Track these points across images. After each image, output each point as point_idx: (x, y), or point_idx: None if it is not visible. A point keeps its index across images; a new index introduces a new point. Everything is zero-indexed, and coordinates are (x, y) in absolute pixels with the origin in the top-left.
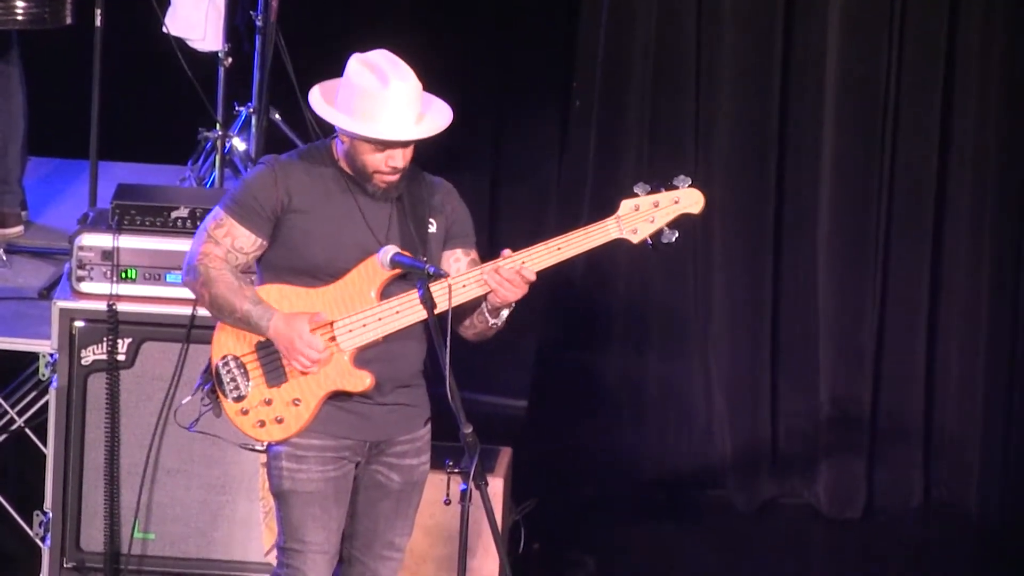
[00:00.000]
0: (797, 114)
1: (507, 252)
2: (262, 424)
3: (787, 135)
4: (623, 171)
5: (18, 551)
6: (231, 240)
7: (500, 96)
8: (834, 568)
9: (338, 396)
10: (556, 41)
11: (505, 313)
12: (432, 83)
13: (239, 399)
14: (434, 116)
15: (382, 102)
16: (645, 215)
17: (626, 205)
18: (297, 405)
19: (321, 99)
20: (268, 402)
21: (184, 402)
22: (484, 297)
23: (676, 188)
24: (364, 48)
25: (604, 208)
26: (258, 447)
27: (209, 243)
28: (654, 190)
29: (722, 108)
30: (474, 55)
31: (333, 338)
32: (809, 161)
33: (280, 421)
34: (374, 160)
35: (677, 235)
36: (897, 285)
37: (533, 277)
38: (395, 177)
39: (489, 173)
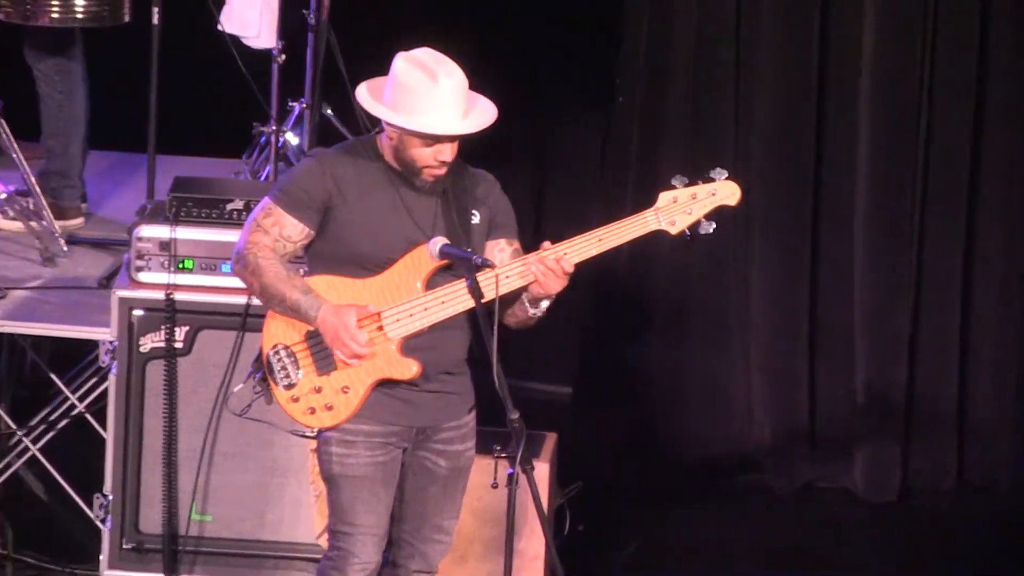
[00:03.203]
0: (834, 107)
1: (547, 244)
2: (312, 411)
3: (824, 128)
4: (665, 163)
5: (79, 533)
6: (279, 229)
7: (544, 91)
8: (870, 550)
9: (385, 383)
10: (600, 38)
11: (546, 303)
12: (478, 79)
13: (289, 387)
14: (480, 112)
15: (431, 98)
16: (683, 207)
17: (664, 197)
18: (346, 392)
19: (368, 96)
20: (318, 390)
21: (236, 389)
22: (525, 287)
23: (713, 180)
24: (414, 46)
25: (647, 199)
26: (308, 433)
27: (258, 232)
28: (692, 182)
29: (760, 102)
30: (519, 52)
31: (381, 327)
32: (845, 152)
33: (330, 408)
34: (423, 154)
35: (714, 226)
36: (931, 273)
37: (572, 268)
38: (443, 171)
39: (534, 165)
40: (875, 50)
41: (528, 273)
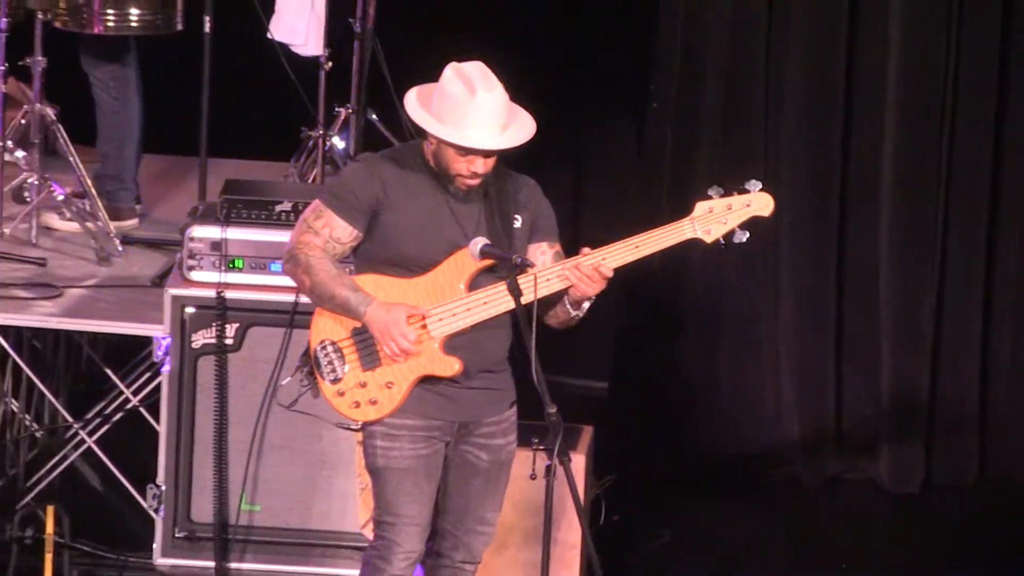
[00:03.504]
0: (859, 115)
1: (586, 250)
2: (357, 405)
3: (850, 135)
4: (697, 169)
5: (133, 522)
6: (329, 231)
7: (583, 100)
8: (894, 539)
9: (428, 380)
10: (635, 49)
11: (586, 305)
12: (520, 87)
13: (336, 381)
14: (517, 128)
15: (468, 111)
16: (718, 216)
17: (701, 207)
18: (390, 388)
19: (416, 103)
20: (363, 384)
21: (284, 383)
22: (566, 290)
23: (748, 192)
24: (455, 52)
25: (679, 202)
26: (353, 426)
27: (309, 233)
28: (727, 193)
29: (788, 110)
30: (559, 62)
31: (424, 326)
32: (870, 160)
33: (374, 402)
34: (457, 164)
35: (748, 235)
36: (953, 277)
37: (611, 273)
38: (476, 181)
39: (573, 171)
40: (900, 59)
41: (568, 277)
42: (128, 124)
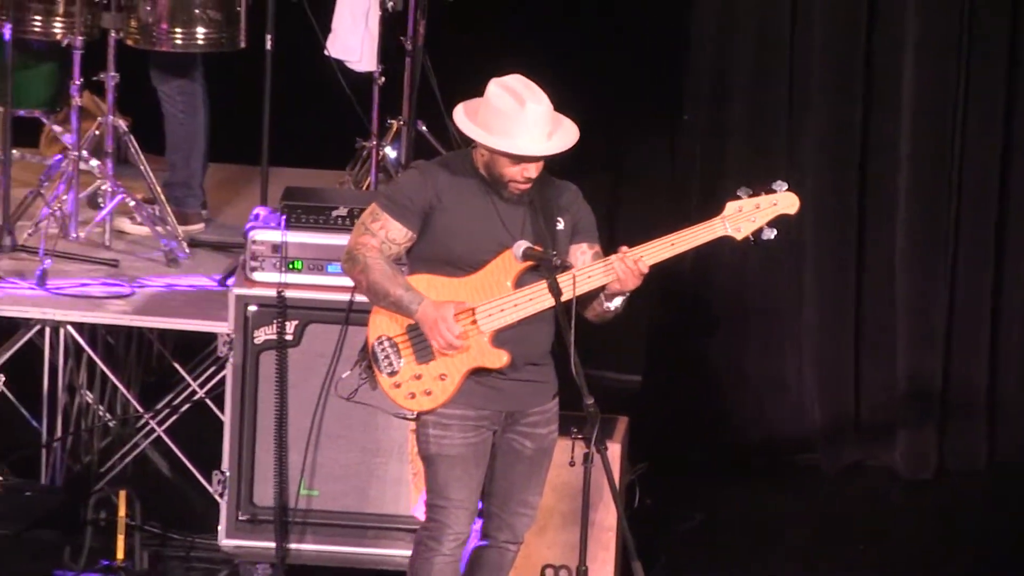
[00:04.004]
0: (876, 125)
1: (624, 248)
2: (413, 396)
3: (868, 144)
4: (725, 173)
5: (199, 505)
6: (385, 232)
7: (620, 111)
8: (909, 522)
9: (478, 372)
10: (669, 64)
11: (620, 300)
12: (561, 98)
13: (392, 374)
14: (563, 134)
15: (518, 121)
16: (748, 215)
17: (731, 207)
18: (443, 379)
19: (465, 117)
20: (418, 377)
21: (344, 376)
22: (603, 287)
23: (775, 192)
24: (498, 68)
25: (710, 205)
26: (409, 416)
27: (366, 235)
28: (755, 193)
29: (810, 119)
30: (597, 74)
31: (474, 321)
32: (888, 163)
33: (429, 393)
34: (510, 171)
35: (775, 232)
36: (964, 273)
37: (647, 270)
38: (527, 185)
39: (610, 176)
40: (914, 72)
41: (608, 272)
42: (195, 135)
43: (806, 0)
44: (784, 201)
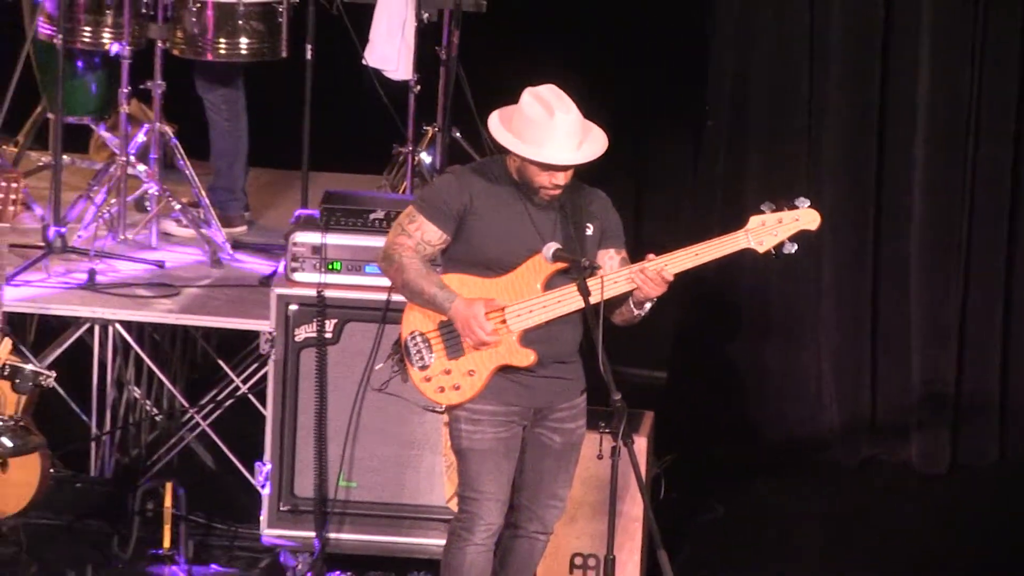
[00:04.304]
0: (892, 135)
1: (651, 256)
2: (442, 390)
3: (884, 150)
4: (746, 181)
5: (242, 496)
6: (421, 234)
7: (645, 118)
8: (924, 515)
9: (507, 369)
10: (692, 74)
11: (648, 306)
12: (590, 107)
13: (423, 368)
14: (592, 143)
15: (548, 131)
16: (770, 229)
17: (754, 220)
18: (472, 375)
19: (499, 124)
20: (448, 372)
21: (377, 367)
22: (630, 292)
23: (797, 208)
24: (530, 77)
25: (732, 210)
26: (438, 409)
27: (403, 236)
28: (778, 208)
29: (829, 126)
30: (624, 84)
31: (504, 321)
32: (902, 173)
33: (457, 388)
34: (541, 178)
35: (796, 247)
36: (977, 277)
37: (672, 278)
38: (557, 192)
39: (635, 184)
40: (928, 83)
41: (633, 280)
42: (238, 141)
43: (823, 6)
44: (806, 217)
